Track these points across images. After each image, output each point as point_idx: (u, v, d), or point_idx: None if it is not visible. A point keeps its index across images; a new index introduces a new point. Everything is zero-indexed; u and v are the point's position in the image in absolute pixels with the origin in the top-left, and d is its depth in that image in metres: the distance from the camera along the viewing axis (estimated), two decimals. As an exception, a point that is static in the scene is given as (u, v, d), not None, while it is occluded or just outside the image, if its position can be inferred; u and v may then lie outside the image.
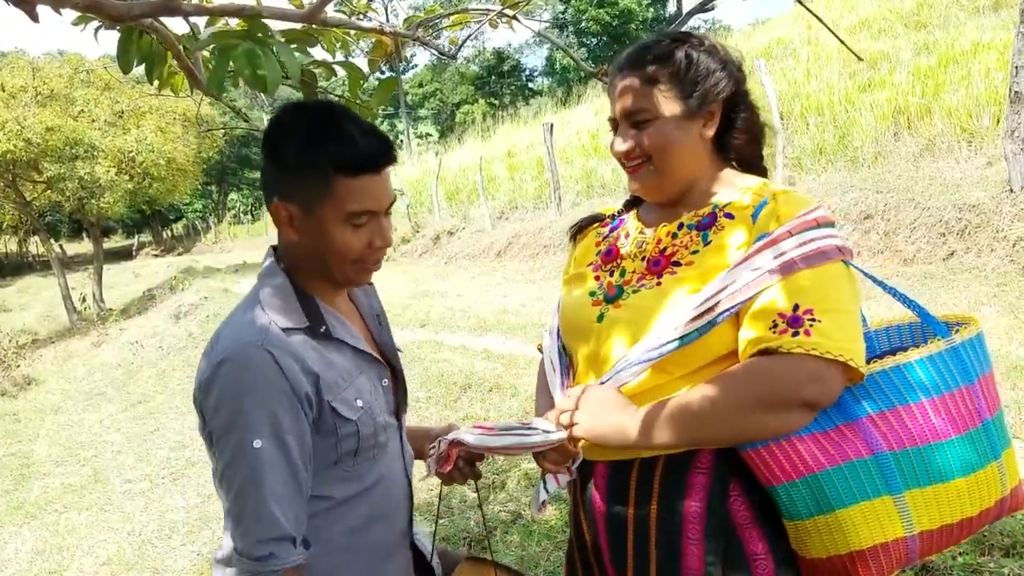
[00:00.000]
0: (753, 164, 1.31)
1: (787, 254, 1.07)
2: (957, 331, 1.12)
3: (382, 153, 1.15)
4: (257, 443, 1.08)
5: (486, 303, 8.84)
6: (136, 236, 46.82)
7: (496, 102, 35.75)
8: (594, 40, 33.30)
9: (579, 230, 1.49)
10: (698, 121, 1.20)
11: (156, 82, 1.84)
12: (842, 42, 1.16)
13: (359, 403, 1.20)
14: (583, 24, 31.70)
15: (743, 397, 1.05)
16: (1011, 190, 5.92)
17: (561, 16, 32.14)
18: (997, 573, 2.25)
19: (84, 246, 38.82)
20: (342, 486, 1.22)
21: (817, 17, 1.16)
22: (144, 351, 10.44)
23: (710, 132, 1.22)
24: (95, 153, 15.46)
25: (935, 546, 1.10)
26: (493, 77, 37.32)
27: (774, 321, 1.05)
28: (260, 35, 1.39)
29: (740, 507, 1.12)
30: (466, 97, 37.19)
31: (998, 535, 2.41)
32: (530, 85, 39.02)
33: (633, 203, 1.42)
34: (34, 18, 1.30)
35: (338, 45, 1.84)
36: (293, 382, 1.10)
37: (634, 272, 1.24)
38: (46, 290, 23.26)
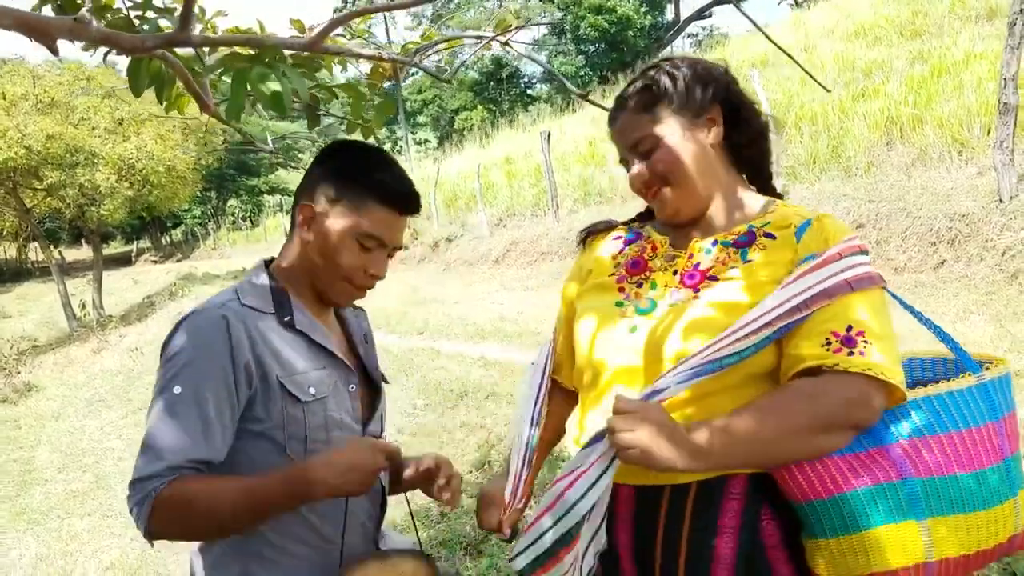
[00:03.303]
0: (763, 170, 1.34)
1: (839, 275, 1.07)
2: (987, 368, 1.14)
3: (409, 202, 1.35)
4: (177, 389, 1.18)
5: (483, 310, 8.91)
6: (135, 242, 46.76)
7: (495, 108, 35.83)
8: (592, 47, 33.45)
9: (589, 235, 1.47)
10: (700, 131, 1.24)
11: (165, 103, 1.92)
12: (810, 76, 1.24)
13: (311, 390, 1.28)
14: (581, 31, 31.83)
15: (802, 418, 1.05)
16: (1000, 200, 6.02)
17: (560, 22, 32.27)
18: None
19: (84, 252, 38.86)
20: None
21: (784, 52, 1.24)
22: (144, 358, 10.51)
23: (715, 139, 1.25)
24: (95, 160, 15.52)
25: (950, 574, 1.10)
26: (492, 83, 37.39)
27: (827, 339, 1.06)
28: (268, 60, 1.46)
29: (771, 529, 1.13)
30: (465, 103, 37.23)
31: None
32: (529, 92, 39.12)
33: (647, 216, 1.43)
34: (54, 51, 1.37)
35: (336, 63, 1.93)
36: (236, 350, 1.21)
37: (666, 286, 1.23)
38: (46, 296, 23.29)
